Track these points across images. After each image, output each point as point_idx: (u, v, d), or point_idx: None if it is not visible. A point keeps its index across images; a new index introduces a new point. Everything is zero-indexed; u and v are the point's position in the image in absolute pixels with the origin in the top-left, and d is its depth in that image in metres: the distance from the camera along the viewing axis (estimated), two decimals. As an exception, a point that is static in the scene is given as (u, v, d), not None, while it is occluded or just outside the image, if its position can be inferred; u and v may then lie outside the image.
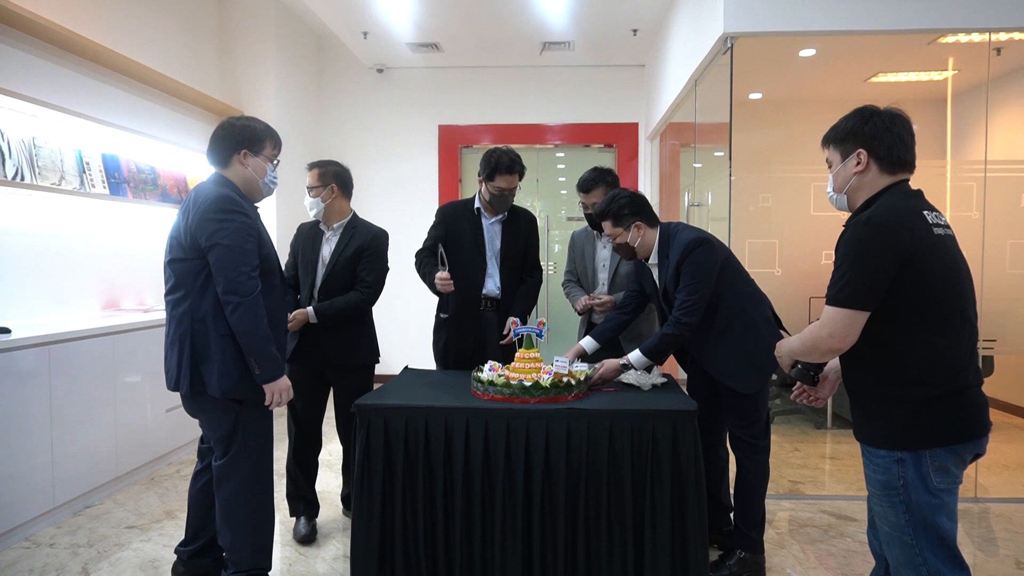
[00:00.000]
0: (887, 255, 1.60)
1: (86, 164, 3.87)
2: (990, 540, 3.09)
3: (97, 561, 2.78)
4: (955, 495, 1.68)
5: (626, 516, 2.35)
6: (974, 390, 1.67)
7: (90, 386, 3.34)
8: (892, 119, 1.74)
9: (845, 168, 1.78)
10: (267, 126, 2.45)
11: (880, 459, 1.69)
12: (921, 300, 1.62)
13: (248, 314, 2.18)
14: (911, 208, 1.67)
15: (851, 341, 1.65)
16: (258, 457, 2.37)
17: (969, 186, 3.66)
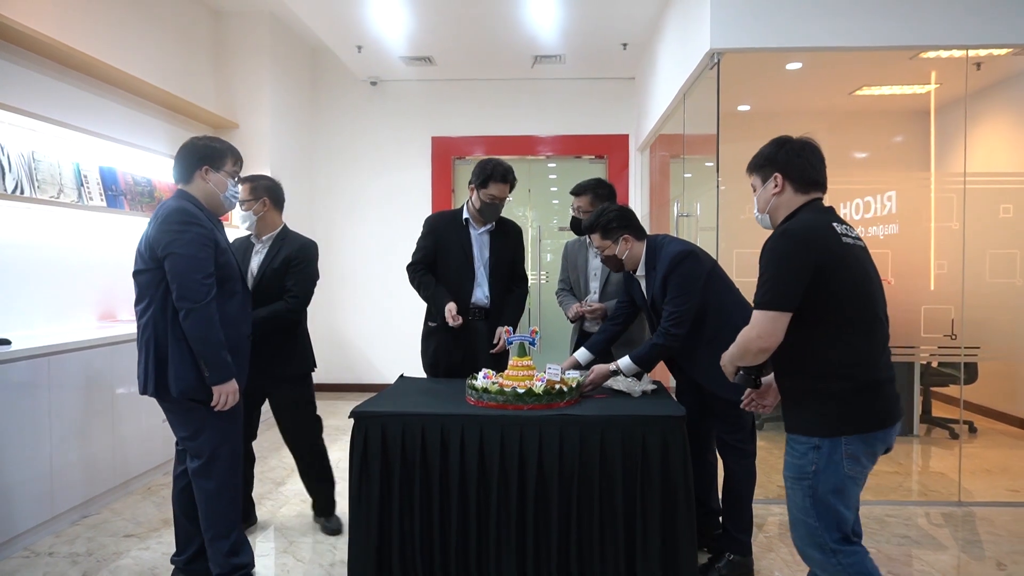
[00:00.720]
0: (801, 261, 1.80)
1: (84, 177, 3.93)
2: (973, 543, 3.17)
3: (97, 570, 2.82)
4: (859, 487, 1.87)
5: (617, 520, 2.41)
6: (887, 384, 1.86)
7: (88, 396, 3.39)
8: (802, 146, 1.98)
9: (765, 191, 2.01)
10: (228, 144, 2.59)
11: (800, 445, 1.87)
12: (836, 303, 1.82)
13: (199, 319, 2.31)
14: (822, 222, 1.89)
15: (776, 340, 1.83)
16: (228, 458, 2.50)
17: (951, 197, 3.77)
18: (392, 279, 6.25)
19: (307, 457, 3.25)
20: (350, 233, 6.69)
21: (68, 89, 3.95)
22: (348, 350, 6.66)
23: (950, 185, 3.76)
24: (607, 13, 5.08)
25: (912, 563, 2.94)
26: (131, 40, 4.49)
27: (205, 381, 2.38)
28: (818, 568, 1.89)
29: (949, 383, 4.92)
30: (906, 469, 4.28)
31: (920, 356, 4.29)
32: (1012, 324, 3.75)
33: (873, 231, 3.87)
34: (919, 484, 4.01)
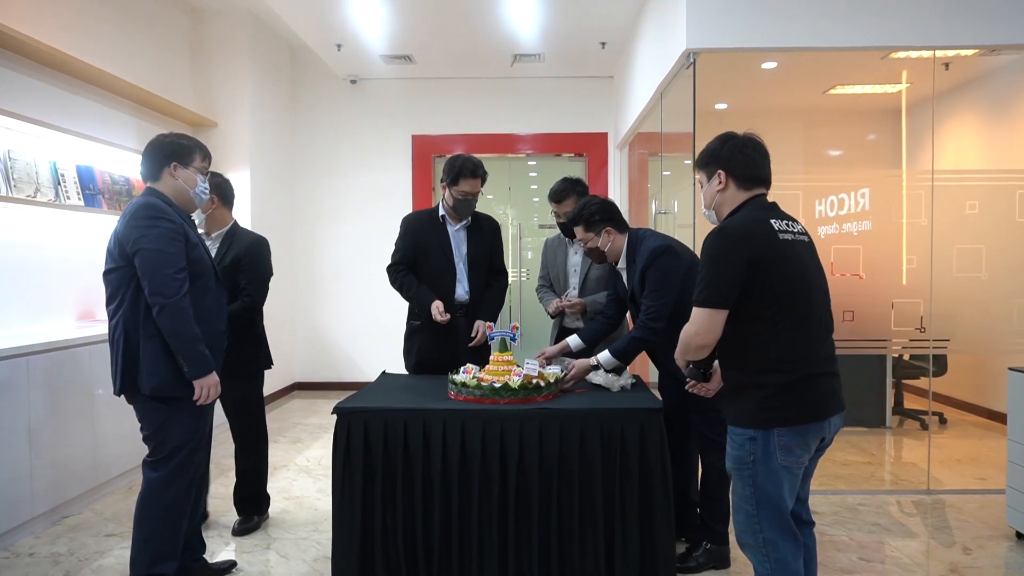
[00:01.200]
0: (735, 259, 1.84)
1: (61, 176, 3.90)
2: (941, 529, 3.27)
3: (79, 569, 2.82)
4: (796, 476, 1.92)
5: (597, 511, 2.46)
6: (822, 377, 1.90)
7: (67, 396, 3.37)
8: (745, 143, 2.00)
9: (710, 187, 2.05)
10: (196, 140, 2.58)
11: (738, 436, 1.93)
12: (772, 299, 1.85)
13: (174, 314, 2.29)
14: (760, 219, 1.91)
15: (715, 336, 1.89)
16: (180, 468, 2.42)
17: (920, 194, 3.87)
18: (374, 277, 6.25)
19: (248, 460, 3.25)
20: (331, 232, 6.69)
21: (45, 87, 3.92)
22: (331, 349, 6.65)
23: (920, 182, 3.86)
24: (586, 12, 5.13)
25: (883, 549, 3.03)
26: (108, 38, 4.46)
27: (178, 378, 2.34)
28: (750, 554, 1.96)
29: (920, 375, 5.05)
30: (878, 460, 4.38)
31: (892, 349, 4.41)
32: (979, 317, 3.85)
33: (848, 227, 3.96)
34: (891, 474, 4.12)
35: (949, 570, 2.81)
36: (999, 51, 3.92)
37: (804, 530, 2.03)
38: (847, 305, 3.83)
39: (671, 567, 2.51)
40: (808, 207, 4.02)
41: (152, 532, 2.39)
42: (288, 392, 6.45)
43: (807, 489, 2.05)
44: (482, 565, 2.48)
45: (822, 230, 4.01)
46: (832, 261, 3.89)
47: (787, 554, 1.89)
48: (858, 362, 4.87)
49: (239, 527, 3.19)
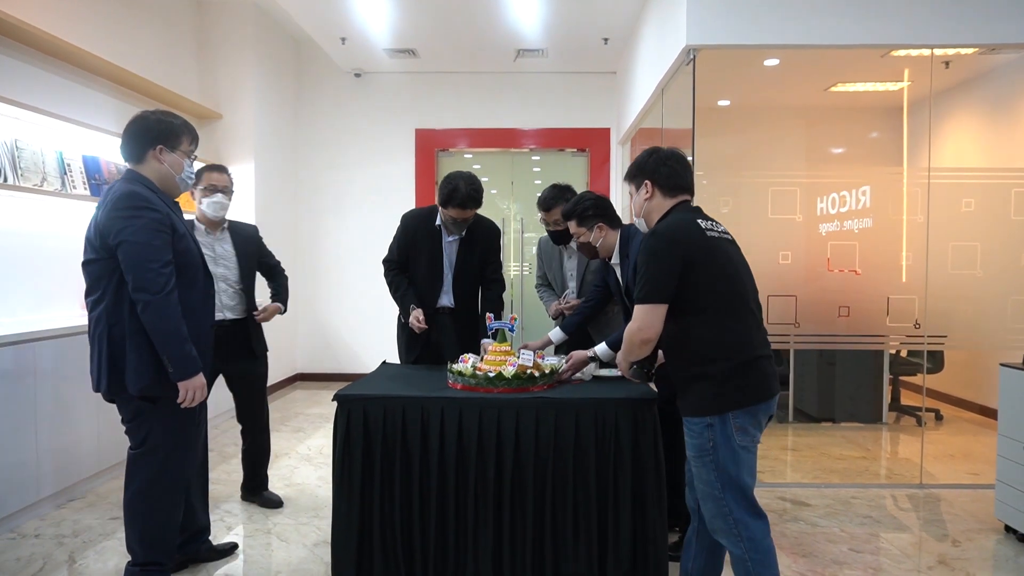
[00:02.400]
0: (669, 256, 2.00)
1: (67, 166, 3.95)
2: (932, 522, 3.32)
3: (83, 550, 2.89)
4: (754, 454, 2.05)
5: (590, 499, 2.51)
6: (763, 360, 2.04)
7: (72, 382, 3.42)
8: (668, 156, 2.20)
9: (638, 196, 2.24)
10: (184, 120, 2.44)
11: (695, 426, 2.05)
12: (706, 290, 2.01)
13: (159, 311, 2.17)
14: (687, 220, 2.09)
15: (656, 331, 2.03)
16: (164, 460, 2.36)
17: (917, 192, 3.90)
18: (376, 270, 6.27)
19: (258, 436, 3.36)
20: (334, 224, 6.74)
21: (51, 78, 3.98)
22: (333, 340, 6.71)
23: (917, 180, 3.89)
24: (588, 8, 5.16)
25: (873, 541, 3.07)
26: (115, 29, 4.50)
27: (165, 377, 2.24)
28: (723, 538, 2.05)
29: (917, 372, 5.08)
30: (873, 455, 4.42)
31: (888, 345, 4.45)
32: (973, 314, 3.89)
33: (848, 224, 3.99)
34: (885, 469, 4.16)
35: (938, 561, 2.86)
36: (999, 50, 3.94)
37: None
38: (842, 301, 3.87)
39: (663, 555, 2.55)
40: (809, 204, 4.05)
41: (142, 525, 2.37)
42: (290, 383, 6.52)
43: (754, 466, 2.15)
44: (477, 551, 2.53)
45: (823, 227, 4.05)
46: (829, 257, 3.93)
47: (757, 532, 2.00)
48: (855, 359, 4.92)
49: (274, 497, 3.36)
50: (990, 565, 2.84)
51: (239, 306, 3.21)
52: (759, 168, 4.22)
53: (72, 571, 2.70)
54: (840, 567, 2.79)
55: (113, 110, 4.50)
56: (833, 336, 4.02)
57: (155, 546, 2.40)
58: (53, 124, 3.84)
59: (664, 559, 2.56)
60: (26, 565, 2.74)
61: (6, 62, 3.64)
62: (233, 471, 3.97)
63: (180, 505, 2.49)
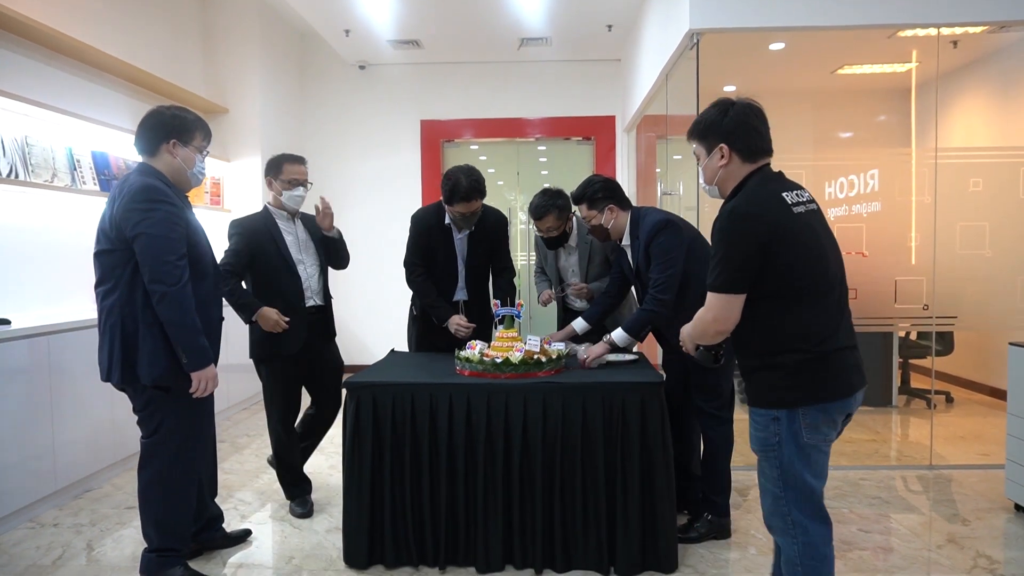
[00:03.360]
0: (750, 241, 1.74)
1: (77, 162, 3.99)
2: (942, 502, 3.32)
3: (101, 538, 2.94)
4: (824, 455, 1.84)
5: (599, 483, 2.53)
6: (843, 352, 1.81)
7: (87, 374, 3.46)
8: (747, 112, 1.86)
9: (711, 162, 1.91)
10: (197, 116, 2.48)
11: (760, 418, 1.85)
12: (785, 278, 1.76)
13: (174, 303, 2.22)
14: (771, 193, 1.80)
15: (733, 322, 1.81)
16: (178, 448, 2.41)
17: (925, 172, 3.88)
18: (383, 262, 6.33)
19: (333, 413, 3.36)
20: (340, 217, 6.61)
21: (59, 74, 4.01)
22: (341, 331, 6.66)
23: (927, 160, 3.87)
24: (591, -5, 5.14)
25: (883, 521, 3.08)
26: (121, 25, 4.53)
27: (178, 368, 2.28)
28: (778, 536, 1.89)
29: (927, 355, 5.05)
30: (883, 437, 4.42)
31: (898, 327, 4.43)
32: (982, 295, 3.87)
33: (857, 209, 3.97)
34: (895, 451, 4.16)
35: (948, 540, 2.86)
36: (1008, 27, 3.90)
37: None
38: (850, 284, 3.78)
39: (672, 538, 2.58)
40: (817, 188, 4.04)
41: (157, 513, 2.42)
42: (301, 375, 6.53)
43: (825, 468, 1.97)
44: (487, 535, 2.56)
45: (832, 212, 4.03)
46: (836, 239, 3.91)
47: (817, 538, 1.82)
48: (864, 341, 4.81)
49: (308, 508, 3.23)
50: (1000, 543, 2.84)
51: (322, 291, 3.25)
52: (765, 152, 4.20)
53: (90, 558, 2.75)
54: (850, 547, 2.80)
55: (121, 106, 4.54)
56: (840, 319, 3.99)
57: (170, 532, 2.45)
58: (62, 120, 3.87)
59: (673, 541, 2.59)
60: (45, 553, 2.80)
61: (15, 59, 3.68)
62: (246, 461, 4.02)
63: (194, 492, 2.54)
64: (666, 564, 2.55)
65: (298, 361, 3.12)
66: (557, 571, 2.56)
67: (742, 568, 2.63)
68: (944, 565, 2.66)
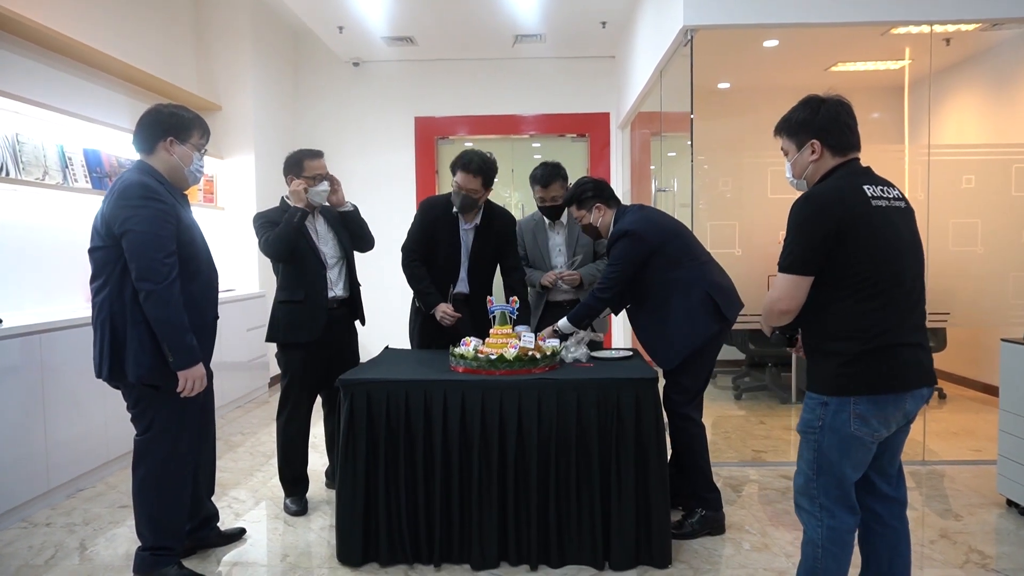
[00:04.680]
0: (821, 226, 1.79)
1: (68, 159, 3.97)
2: (934, 497, 3.34)
3: (94, 537, 2.93)
4: (867, 449, 1.85)
5: (593, 478, 2.54)
6: (906, 348, 1.82)
7: (79, 373, 3.45)
8: (838, 108, 1.92)
9: (802, 157, 1.96)
10: (195, 115, 2.48)
11: (811, 400, 1.89)
12: (853, 265, 1.79)
13: (161, 301, 2.21)
14: (851, 185, 1.84)
15: (799, 303, 1.85)
16: (171, 446, 2.41)
17: (917, 169, 3.90)
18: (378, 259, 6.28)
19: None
20: (335, 214, 6.74)
21: (51, 71, 3.99)
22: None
23: (919, 157, 3.88)
24: (586, -8, 5.14)
25: (876, 517, 3.09)
26: (113, 23, 4.51)
27: (164, 366, 2.28)
28: (804, 518, 1.93)
29: (920, 351, 5.08)
30: (877, 433, 4.43)
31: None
32: (975, 291, 3.89)
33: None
34: (888, 447, 4.17)
35: (940, 535, 2.88)
36: (1001, 25, 3.92)
37: (896, 508, 1.99)
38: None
39: (666, 533, 2.59)
40: (809, 184, 4.05)
41: (150, 511, 2.42)
42: (295, 373, 6.52)
43: (896, 464, 1.99)
44: (482, 530, 2.56)
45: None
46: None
47: (842, 525, 1.87)
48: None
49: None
50: (992, 539, 2.86)
51: (343, 282, 3.29)
52: (758, 149, 4.22)
53: (83, 558, 2.74)
54: (842, 542, 2.81)
55: (113, 103, 4.52)
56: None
57: (164, 530, 2.44)
58: (54, 118, 3.85)
59: (668, 537, 2.60)
60: (38, 553, 2.78)
61: (5, 56, 3.66)
62: (240, 459, 4.01)
63: (188, 489, 2.53)
64: (660, 559, 2.56)
65: (317, 354, 3.15)
66: (552, 567, 2.57)
67: (736, 564, 2.64)
68: (937, 560, 2.67)
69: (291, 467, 3.21)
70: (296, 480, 3.23)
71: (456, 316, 3.23)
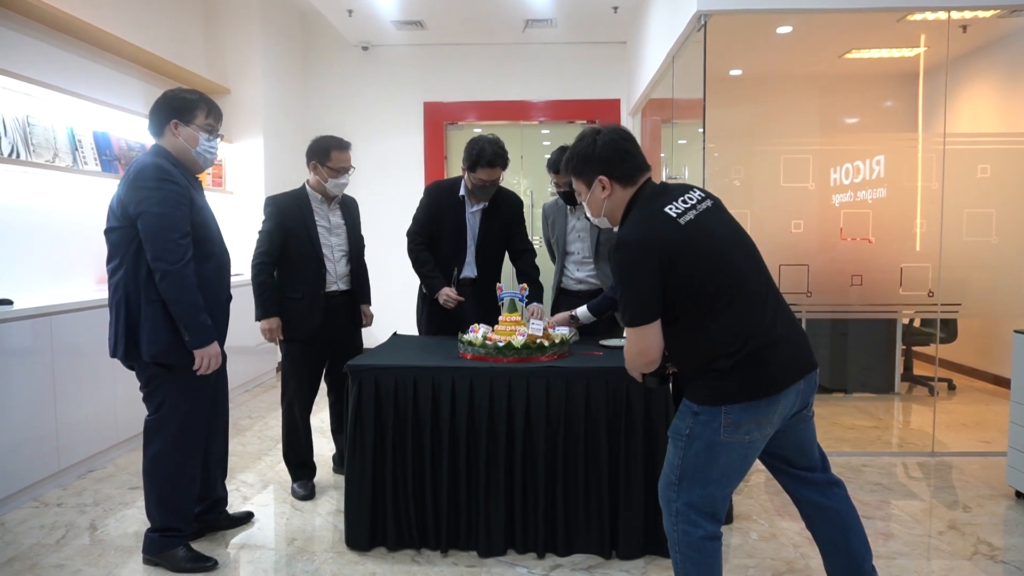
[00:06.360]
0: (645, 270, 1.75)
1: (78, 142, 3.97)
2: (943, 488, 3.32)
3: (104, 518, 2.95)
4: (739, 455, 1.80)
5: (602, 468, 2.53)
6: (771, 348, 1.78)
7: (90, 355, 3.47)
8: (615, 136, 1.88)
9: (594, 196, 1.92)
10: (201, 96, 2.48)
11: (684, 408, 1.86)
12: (692, 291, 1.76)
13: (176, 281, 2.26)
14: (654, 214, 1.80)
15: (657, 350, 1.81)
16: (180, 427, 2.44)
17: (932, 158, 3.84)
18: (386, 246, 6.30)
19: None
20: (344, 199, 6.72)
21: (62, 54, 3.98)
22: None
23: (933, 146, 3.83)
24: (597, -24, 5.07)
25: (884, 507, 3.08)
26: (123, 4, 4.49)
27: (179, 345, 2.32)
28: (664, 520, 1.90)
29: (930, 342, 5.05)
30: (885, 424, 4.42)
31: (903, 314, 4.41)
32: (988, 282, 3.85)
33: (862, 195, 3.94)
34: (897, 438, 4.15)
35: (948, 527, 2.87)
36: (1020, 12, 3.85)
37: (831, 491, 1.98)
38: (855, 270, 3.84)
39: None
40: (822, 172, 4.01)
41: (160, 492, 2.45)
42: (303, 357, 6.54)
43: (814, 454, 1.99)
44: (489, 518, 2.56)
45: (837, 198, 4.01)
46: (842, 226, 3.90)
47: (697, 531, 1.82)
48: (867, 328, 4.89)
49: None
50: (1000, 530, 2.84)
51: (348, 276, 3.29)
52: (771, 137, 4.17)
53: (93, 537, 2.77)
54: (850, 533, 2.80)
55: (123, 86, 4.50)
56: (845, 306, 4.00)
57: (173, 511, 2.46)
58: (64, 100, 3.84)
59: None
60: (49, 532, 2.81)
61: (16, 38, 3.64)
62: (248, 443, 4.03)
63: (197, 471, 2.55)
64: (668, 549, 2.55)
65: (317, 346, 3.17)
66: (559, 555, 2.57)
67: (744, 553, 2.64)
68: (945, 551, 2.66)
69: (295, 451, 3.23)
70: (301, 464, 3.24)
71: (458, 299, 3.21)
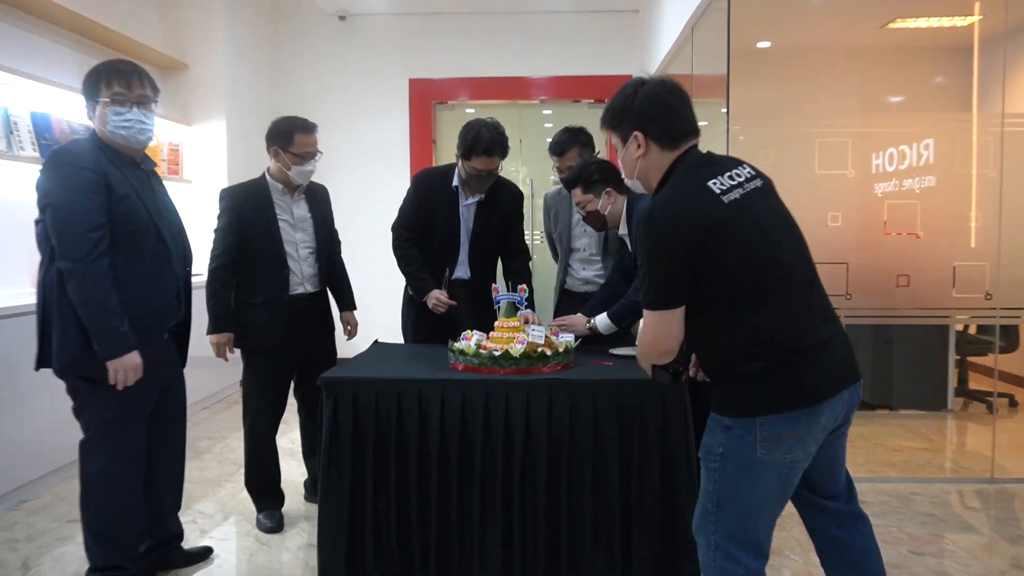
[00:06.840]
0: (674, 249, 1.69)
1: (13, 124, 3.94)
2: (1004, 521, 3.30)
3: (39, 556, 2.91)
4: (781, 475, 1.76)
5: (612, 494, 2.50)
6: (812, 352, 1.74)
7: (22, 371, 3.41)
8: (660, 90, 1.82)
9: (627, 153, 1.88)
10: (103, 66, 2.42)
11: (713, 423, 1.82)
12: (725, 279, 1.72)
13: (81, 280, 2.20)
14: (694, 187, 1.75)
15: (676, 338, 1.77)
16: (114, 445, 2.40)
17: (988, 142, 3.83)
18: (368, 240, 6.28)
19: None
20: (318, 190, 6.70)
21: (-7, 23, 3.95)
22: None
23: (991, 128, 3.81)
24: (607, -65, 5.07)
25: (937, 542, 3.05)
26: (63, -33, 4.46)
27: (91, 355, 2.26)
28: (700, 555, 1.87)
29: (988, 352, 5.02)
30: (937, 445, 4.40)
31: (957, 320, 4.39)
32: (1055, 282, 3.83)
33: (908, 184, 3.92)
34: (950, 461, 4.13)
35: (1011, 565, 2.84)
36: (1090, -25, 3.84)
37: (854, 526, 1.95)
38: (901, 269, 3.82)
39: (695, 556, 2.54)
40: (863, 158, 4.00)
41: (96, 524, 2.42)
42: (272, 370, 6.51)
43: (841, 479, 1.96)
44: (484, 552, 2.53)
45: (879, 187, 3.98)
46: (885, 219, 3.87)
47: (738, 570, 1.78)
48: (915, 335, 4.86)
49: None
50: (1071, 568, 2.82)
51: (317, 276, 3.26)
52: (804, 118, 4.15)
53: (27, 578, 2.73)
54: (899, 571, 2.77)
55: (66, 60, 4.48)
56: (890, 310, 3.98)
57: (112, 546, 2.43)
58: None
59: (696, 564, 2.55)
60: (-25, 572, 2.77)
61: (-61, 4, 3.62)
62: (206, 468, 4.00)
63: (138, 499, 2.50)
64: (686, 569, 2.52)
65: (282, 357, 3.14)
66: (563, 581, 2.53)
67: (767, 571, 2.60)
68: (1008, 592, 2.63)
69: (259, 477, 3.19)
70: (267, 492, 3.20)
71: (450, 304, 3.18)
